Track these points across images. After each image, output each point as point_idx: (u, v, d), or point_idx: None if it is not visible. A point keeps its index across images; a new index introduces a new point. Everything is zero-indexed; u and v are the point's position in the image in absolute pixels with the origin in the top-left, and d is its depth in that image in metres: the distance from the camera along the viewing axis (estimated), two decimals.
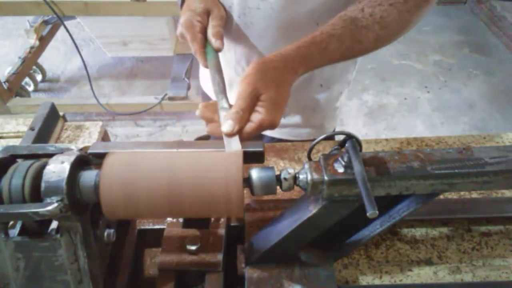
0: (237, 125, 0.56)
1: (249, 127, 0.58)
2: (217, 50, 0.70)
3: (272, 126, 0.59)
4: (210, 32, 0.70)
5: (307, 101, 0.94)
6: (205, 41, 0.71)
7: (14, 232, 0.50)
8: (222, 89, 0.63)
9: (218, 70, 0.67)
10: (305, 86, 0.90)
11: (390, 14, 0.67)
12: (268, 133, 1.01)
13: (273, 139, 1.02)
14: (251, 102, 0.58)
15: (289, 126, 0.99)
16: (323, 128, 1.01)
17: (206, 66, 0.69)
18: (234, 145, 0.55)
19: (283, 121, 0.97)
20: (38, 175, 0.48)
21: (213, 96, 1.06)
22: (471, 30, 3.53)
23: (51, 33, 2.79)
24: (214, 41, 0.69)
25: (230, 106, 0.60)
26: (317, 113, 0.97)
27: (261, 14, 0.76)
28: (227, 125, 0.56)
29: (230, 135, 0.56)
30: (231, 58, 0.88)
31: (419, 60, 3.19)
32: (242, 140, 0.57)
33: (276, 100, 0.59)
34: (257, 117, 0.58)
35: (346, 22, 0.66)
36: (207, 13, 0.73)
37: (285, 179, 0.52)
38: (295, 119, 0.97)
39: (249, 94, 0.58)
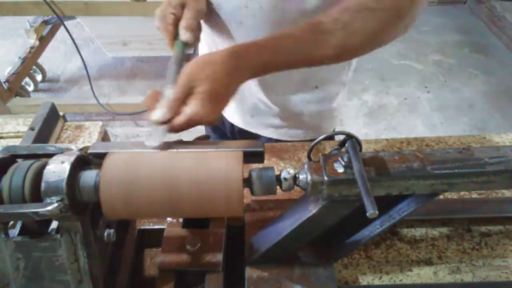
0: (167, 114, 0.55)
1: (179, 119, 0.56)
2: (186, 43, 0.69)
3: (205, 121, 0.57)
4: (181, 24, 0.70)
5: (302, 103, 0.93)
6: (176, 33, 0.70)
7: (14, 232, 0.50)
8: (172, 79, 0.62)
9: (178, 63, 0.66)
10: (299, 88, 0.90)
11: (355, 21, 0.64)
12: (264, 133, 1.01)
13: (270, 140, 1.01)
14: (184, 93, 0.56)
15: (285, 127, 0.98)
16: (320, 129, 1.01)
17: None
18: (159, 136, 0.55)
19: (278, 122, 0.97)
20: (38, 175, 0.48)
21: None
22: (471, 30, 3.53)
23: (51, 33, 2.79)
24: (183, 33, 0.69)
25: None
26: (313, 115, 0.97)
27: (249, 13, 0.75)
28: (158, 112, 0.55)
29: (158, 123, 0.55)
30: None
31: (419, 60, 3.19)
32: (172, 131, 0.56)
33: (211, 95, 0.56)
34: (188, 109, 0.56)
35: (308, 25, 0.64)
36: (183, 6, 0.72)
37: (285, 179, 0.52)
38: (291, 120, 0.97)
39: (184, 85, 0.56)
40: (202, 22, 0.82)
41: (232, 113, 1.01)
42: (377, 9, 0.64)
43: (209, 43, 0.93)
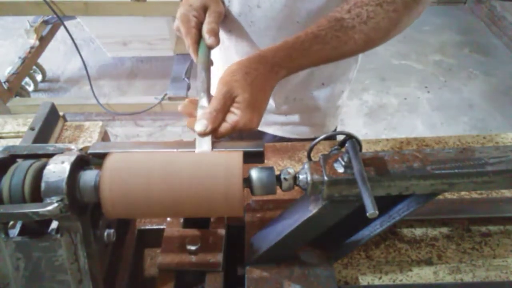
0: (210, 125, 0.56)
1: (224, 127, 0.58)
2: (210, 47, 0.69)
3: (249, 127, 0.59)
4: (204, 28, 0.70)
5: (308, 100, 0.94)
6: (199, 37, 0.70)
7: (14, 232, 0.50)
8: (205, 87, 0.63)
9: (206, 68, 0.66)
10: (306, 84, 0.90)
11: (377, 14, 0.65)
12: (270, 130, 1.01)
13: (275, 137, 1.02)
14: (226, 103, 0.58)
15: (290, 124, 0.99)
16: (324, 126, 1.01)
17: (197, 61, 0.68)
18: (205, 146, 0.55)
19: (284, 119, 0.97)
20: (38, 175, 0.48)
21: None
22: (471, 30, 3.53)
23: (51, 33, 2.79)
24: (207, 38, 0.69)
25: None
26: (318, 112, 0.97)
27: (261, 13, 0.76)
28: (200, 124, 0.56)
29: (203, 134, 0.56)
30: (233, 57, 0.88)
31: (419, 60, 3.19)
32: (217, 139, 0.57)
33: (252, 102, 0.58)
34: (231, 118, 0.58)
35: (331, 22, 0.65)
36: (204, 9, 0.72)
37: (285, 179, 0.52)
38: (297, 117, 0.97)
39: (224, 94, 0.58)
40: None
41: None
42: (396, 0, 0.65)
43: None
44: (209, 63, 0.68)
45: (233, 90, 0.58)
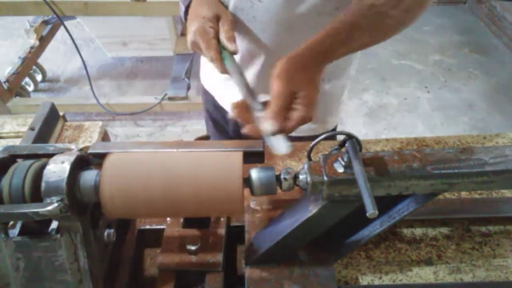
0: (277, 123, 0.56)
1: (290, 124, 0.58)
2: (233, 53, 0.70)
3: (309, 121, 0.59)
4: (223, 37, 0.71)
5: None
6: (219, 46, 0.71)
7: (14, 232, 0.50)
8: (250, 91, 0.64)
9: (240, 73, 0.68)
10: None
11: None
12: None
13: None
14: (287, 100, 0.58)
15: None
16: (325, 123, 1.01)
17: (224, 72, 0.69)
18: (283, 144, 0.56)
19: None
20: (38, 175, 0.48)
21: (214, 93, 1.06)
22: (471, 30, 3.53)
23: (51, 33, 2.79)
24: (230, 45, 0.70)
25: (263, 104, 0.60)
26: (320, 108, 0.97)
27: (263, 8, 0.76)
28: (268, 125, 0.56)
29: (272, 134, 0.56)
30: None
31: (419, 60, 3.19)
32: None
33: (311, 96, 0.59)
34: (295, 114, 0.58)
35: (363, 10, 0.66)
36: (217, 18, 0.73)
37: (285, 179, 0.52)
38: None
39: (285, 92, 0.58)
40: None
41: None
42: None
43: None
44: (240, 68, 0.69)
45: (293, 87, 0.58)
